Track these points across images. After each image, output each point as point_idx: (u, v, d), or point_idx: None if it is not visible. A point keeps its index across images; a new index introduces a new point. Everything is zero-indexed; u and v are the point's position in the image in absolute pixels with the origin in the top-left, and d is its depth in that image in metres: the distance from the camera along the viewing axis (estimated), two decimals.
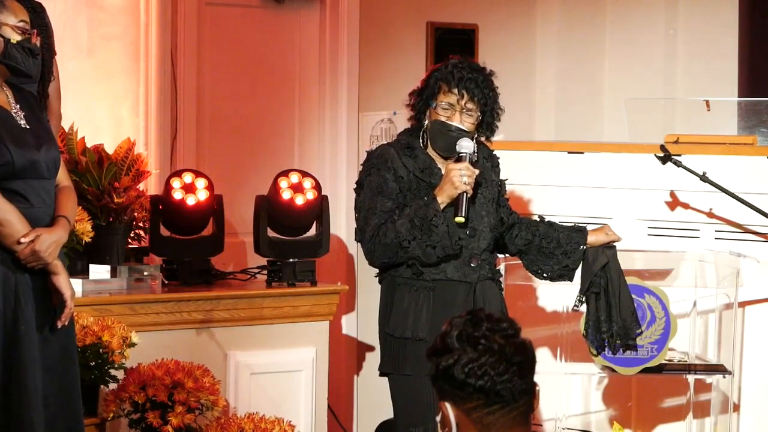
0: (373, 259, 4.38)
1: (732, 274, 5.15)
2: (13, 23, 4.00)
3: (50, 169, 4.05)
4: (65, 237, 4.04)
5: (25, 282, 3.97)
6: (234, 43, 6.37)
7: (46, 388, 4.00)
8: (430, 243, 4.26)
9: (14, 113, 4.03)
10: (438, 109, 4.37)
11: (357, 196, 4.45)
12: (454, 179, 4.26)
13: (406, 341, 4.32)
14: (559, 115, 7.19)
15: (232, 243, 5.99)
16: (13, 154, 3.93)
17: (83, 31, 5.85)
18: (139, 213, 5.37)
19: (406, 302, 4.36)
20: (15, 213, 3.92)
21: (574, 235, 4.59)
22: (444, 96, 4.37)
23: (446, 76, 4.39)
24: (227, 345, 5.38)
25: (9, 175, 3.94)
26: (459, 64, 4.42)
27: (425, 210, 4.26)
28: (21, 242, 3.92)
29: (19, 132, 3.99)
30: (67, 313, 4.01)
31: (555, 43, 7.20)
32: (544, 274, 4.62)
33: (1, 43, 3.99)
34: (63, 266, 4.02)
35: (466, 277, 4.39)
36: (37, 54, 4.07)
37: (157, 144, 6.02)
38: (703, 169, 5.22)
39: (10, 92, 4.06)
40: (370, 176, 4.39)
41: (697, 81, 7.21)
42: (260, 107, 6.46)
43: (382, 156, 4.40)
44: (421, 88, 4.45)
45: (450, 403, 2.62)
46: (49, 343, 4.02)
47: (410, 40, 6.79)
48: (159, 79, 6.02)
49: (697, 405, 5.36)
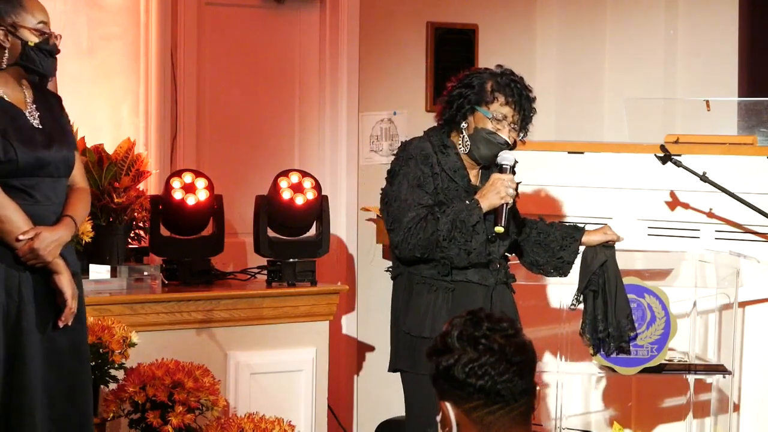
0: (405, 250, 4.33)
1: (732, 274, 5.15)
2: (32, 25, 4.03)
3: (60, 169, 4.06)
4: (68, 237, 4.04)
5: (28, 279, 3.97)
6: (234, 43, 6.37)
7: (52, 387, 4.00)
8: (467, 248, 4.28)
9: (28, 113, 4.05)
10: (491, 119, 4.35)
11: (389, 185, 4.41)
12: (500, 189, 4.29)
13: (424, 341, 4.30)
14: (559, 115, 7.19)
15: (232, 243, 5.99)
16: (18, 152, 3.94)
17: (83, 31, 5.85)
18: (139, 213, 5.37)
19: (425, 302, 4.36)
20: (16, 209, 3.93)
21: (572, 231, 4.63)
22: (500, 107, 4.35)
23: (504, 88, 4.35)
24: (227, 345, 5.38)
25: (13, 173, 3.95)
26: (513, 77, 4.39)
27: (468, 215, 4.27)
28: (20, 239, 3.92)
29: (29, 130, 4.01)
30: (68, 313, 4.00)
31: (555, 43, 7.20)
32: (539, 266, 4.63)
33: (19, 46, 4.02)
34: (65, 266, 4.01)
35: (485, 280, 4.40)
36: (56, 54, 4.09)
37: (157, 144, 6.02)
38: (703, 169, 5.22)
39: (30, 92, 4.09)
40: (407, 167, 4.36)
41: (697, 81, 7.21)
42: (260, 107, 6.46)
43: (421, 149, 4.38)
44: (464, 89, 4.40)
45: (450, 403, 2.62)
46: (56, 342, 4.02)
47: (410, 40, 6.79)
48: (159, 79, 6.02)
49: (697, 405, 5.36)
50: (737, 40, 7.24)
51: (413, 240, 4.29)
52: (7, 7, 4.01)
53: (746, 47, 7.25)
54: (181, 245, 5.51)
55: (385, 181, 4.45)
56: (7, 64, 4.02)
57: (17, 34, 4.01)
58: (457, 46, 6.84)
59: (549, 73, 7.18)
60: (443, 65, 6.75)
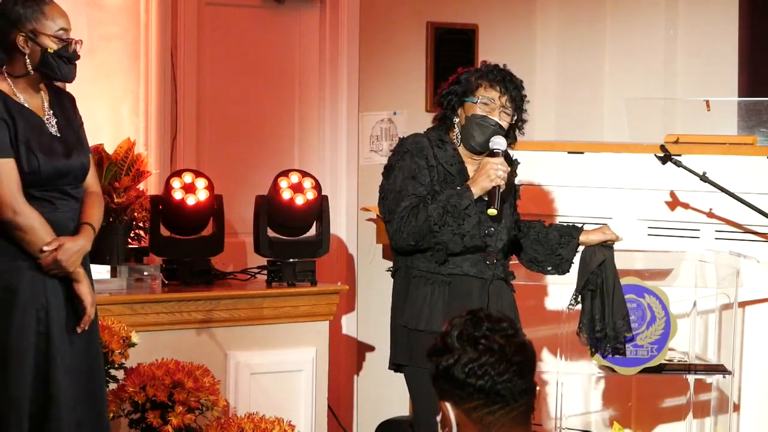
0: (400, 239, 4.37)
1: (732, 274, 5.15)
2: (52, 32, 4.05)
3: (78, 176, 4.13)
4: (88, 246, 4.12)
5: (53, 286, 4.04)
6: (234, 43, 6.37)
7: (73, 391, 4.06)
8: (460, 232, 4.30)
9: (47, 119, 4.09)
10: (478, 103, 4.41)
11: (385, 180, 4.46)
12: (490, 172, 4.31)
13: (420, 333, 4.33)
14: (559, 115, 7.19)
15: (232, 243, 5.99)
16: (41, 163, 4.00)
17: (83, 31, 5.84)
18: (139, 213, 5.37)
19: (422, 294, 4.38)
20: (40, 220, 4.00)
21: (570, 229, 4.65)
22: (485, 91, 4.43)
23: (487, 74, 4.45)
24: (227, 345, 5.38)
25: (36, 183, 4.02)
26: (497, 66, 4.49)
27: (459, 199, 4.29)
28: (44, 250, 3.99)
29: (49, 140, 4.06)
30: (86, 320, 4.09)
31: (555, 43, 7.20)
32: (538, 263, 4.64)
33: (38, 52, 4.03)
34: (85, 274, 4.10)
35: (481, 274, 4.42)
36: (76, 60, 4.11)
37: (157, 144, 6.02)
38: (703, 169, 5.22)
39: (47, 95, 4.13)
40: (402, 161, 4.42)
41: (697, 81, 7.21)
42: (260, 107, 6.46)
43: (417, 143, 4.44)
44: (452, 86, 4.48)
45: (450, 403, 2.62)
46: (75, 347, 4.10)
47: (410, 40, 6.78)
48: (159, 79, 6.02)
49: (697, 405, 5.36)
50: (737, 40, 7.24)
51: (406, 228, 4.32)
52: (27, 14, 4.03)
53: (746, 47, 7.25)
54: (181, 245, 5.51)
55: (382, 177, 4.48)
56: (26, 70, 4.05)
57: (37, 40, 4.03)
58: (457, 46, 6.84)
59: (549, 73, 7.18)
60: (443, 65, 6.74)
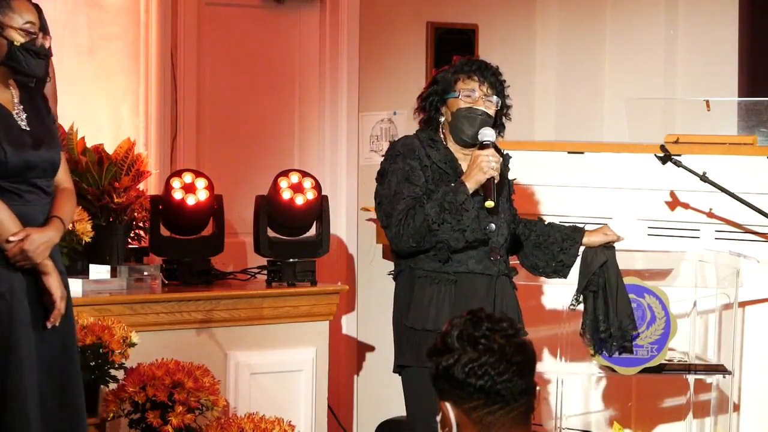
0: (401, 243, 4.34)
1: (732, 274, 5.15)
2: (19, 25, 4.02)
3: (47, 170, 4.07)
4: (57, 238, 4.06)
5: (19, 280, 3.98)
6: (234, 43, 6.37)
7: (42, 387, 4.00)
8: (460, 227, 4.27)
9: (16, 113, 4.05)
10: (460, 97, 4.41)
11: (379, 185, 4.43)
12: (482, 164, 4.29)
13: (428, 334, 4.28)
14: (559, 115, 7.19)
15: (232, 243, 5.99)
16: (8, 154, 3.95)
17: (83, 31, 5.85)
18: (139, 213, 5.38)
19: (428, 295, 4.35)
20: (6, 211, 3.95)
21: (572, 233, 4.61)
22: (464, 84, 4.43)
23: (462, 68, 4.46)
24: (227, 345, 5.38)
25: (4, 174, 3.97)
26: (470, 58, 4.51)
27: (454, 195, 4.26)
28: (10, 240, 3.93)
29: (18, 132, 4.02)
30: (56, 314, 4.01)
31: (555, 43, 7.20)
32: (539, 269, 4.62)
33: (5, 46, 4.01)
34: (54, 267, 4.03)
35: (487, 270, 4.39)
36: (44, 55, 4.08)
37: (157, 144, 6.02)
38: (703, 169, 5.22)
39: (17, 92, 4.09)
40: (395, 164, 4.39)
41: (697, 81, 7.21)
42: (260, 107, 6.46)
43: (408, 145, 4.42)
44: (431, 88, 4.49)
45: (450, 403, 2.62)
46: (47, 343, 4.03)
47: (410, 40, 6.78)
48: (159, 79, 6.02)
49: (697, 405, 5.36)
50: (737, 40, 7.24)
51: (406, 231, 4.30)
52: None
53: (746, 47, 7.25)
54: (181, 245, 5.51)
55: (376, 182, 4.46)
56: None
57: (3, 33, 4.00)
58: (457, 46, 6.83)
59: (549, 73, 7.18)
60: (443, 65, 6.73)
